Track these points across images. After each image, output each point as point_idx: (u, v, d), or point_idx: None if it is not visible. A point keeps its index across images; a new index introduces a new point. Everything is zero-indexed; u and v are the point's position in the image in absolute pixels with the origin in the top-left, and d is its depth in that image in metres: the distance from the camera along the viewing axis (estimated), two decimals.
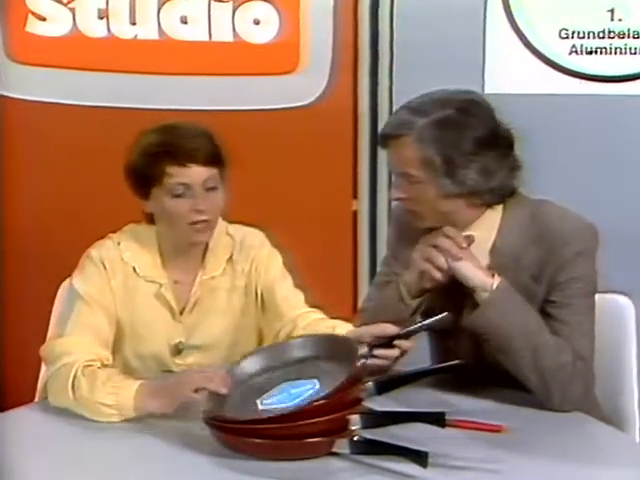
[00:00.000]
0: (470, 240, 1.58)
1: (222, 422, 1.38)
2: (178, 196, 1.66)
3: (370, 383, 1.41)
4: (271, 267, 1.76)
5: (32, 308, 2.10)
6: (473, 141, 1.55)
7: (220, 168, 1.69)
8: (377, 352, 1.50)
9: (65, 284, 1.79)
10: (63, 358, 1.57)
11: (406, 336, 1.53)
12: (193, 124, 1.70)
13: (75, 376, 1.54)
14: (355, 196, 2.53)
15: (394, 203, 1.77)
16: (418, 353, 1.67)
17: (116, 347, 1.69)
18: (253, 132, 2.42)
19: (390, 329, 1.52)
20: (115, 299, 1.68)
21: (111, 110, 2.41)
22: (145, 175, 1.68)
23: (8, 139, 2.46)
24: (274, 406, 1.39)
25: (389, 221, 1.87)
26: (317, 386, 1.40)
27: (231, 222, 1.79)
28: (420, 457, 1.29)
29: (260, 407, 1.41)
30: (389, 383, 1.43)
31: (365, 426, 1.36)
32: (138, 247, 1.72)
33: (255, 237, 1.79)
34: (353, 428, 1.35)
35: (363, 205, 2.53)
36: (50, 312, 1.82)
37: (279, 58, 2.45)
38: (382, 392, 1.42)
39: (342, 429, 1.35)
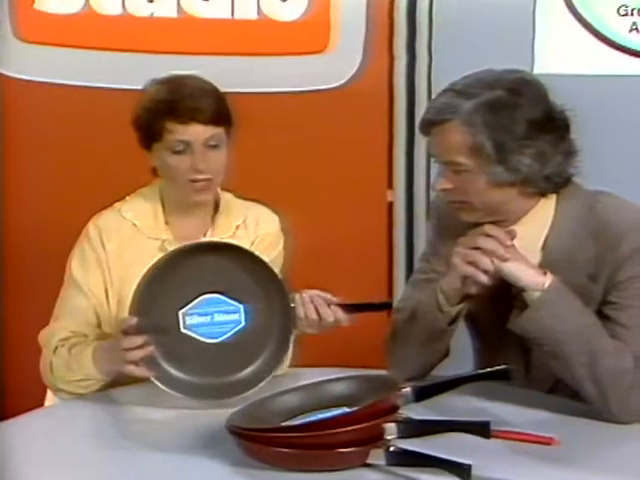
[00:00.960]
0: (512, 235, 1.58)
1: (246, 430, 1.39)
2: (178, 152, 1.74)
3: (407, 389, 1.42)
4: (270, 251, 1.84)
5: (33, 304, 2.14)
6: (526, 124, 1.54)
7: (225, 127, 1.76)
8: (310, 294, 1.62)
9: None
10: (48, 344, 1.73)
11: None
12: (200, 80, 1.77)
13: (51, 361, 1.71)
14: (390, 186, 2.53)
15: (434, 194, 1.77)
16: (459, 357, 1.69)
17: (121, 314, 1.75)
18: (279, 117, 2.43)
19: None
20: (110, 268, 1.76)
21: (125, 92, 2.41)
22: (147, 129, 1.76)
23: (14, 122, 2.49)
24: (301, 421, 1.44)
25: (427, 213, 1.88)
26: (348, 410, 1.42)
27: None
28: (463, 470, 1.29)
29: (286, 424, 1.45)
30: (428, 389, 1.44)
31: (402, 435, 1.36)
32: (141, 205, 1.81)
33: (269, 217, 1.88)
34: (389, 437, 1.36)
35: (399, 196, 2.53)
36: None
37: (307, 37, 2.46)
38: (420, 399, 1.42)
39: (377, 438, 1.36)
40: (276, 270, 1.78)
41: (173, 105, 1.72)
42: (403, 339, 1.68)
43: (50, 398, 1.84)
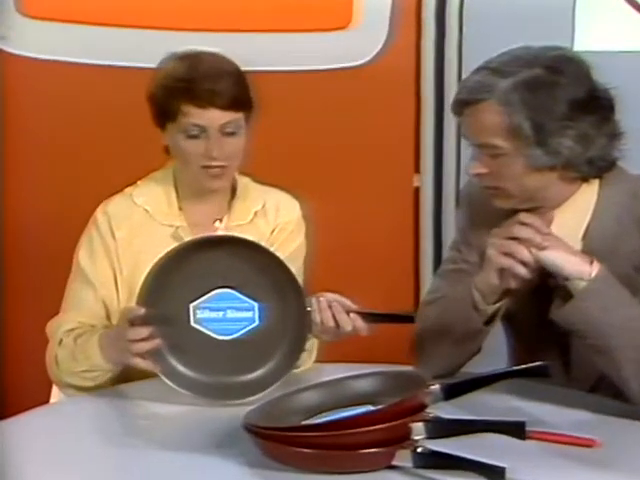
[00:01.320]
0: (549, 219, 1.56)
1: (264, 428, 1.38)
2: (192, 137, 1.72)
3: (436, 386, 1.40)
4: (291, 242, 1.82)
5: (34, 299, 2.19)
6: (567, 104, 1.53)
7: (245, 112, 1.75)
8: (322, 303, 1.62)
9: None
10: (54, 336, 1.73)
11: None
12: (221, 58, 1.75)
13: (56, 354, 1.71)
14: (417, 170, 2.51)
15: (466, 179, 1.75)
16: (492, 353, 1.66)
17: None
18: (300, 95, 2.41)
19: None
20: (120, 257, 1.76)
21: (135, 71, 2.40)
22: (161, 108, 1.75)
23: (16, 100, 2.47)
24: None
25: (458, 200, 1.86)
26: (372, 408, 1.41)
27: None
28: (496, 473, 1.27)
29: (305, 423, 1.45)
30: (458, 387, 1.42)
31: (430, 436, 1.35)
32: (153, 190, 1.80)
33: (289, 203, 1.86)
34: (416, 438, 1.35)
35: (427, 180, 2.51)
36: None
37: (330, 12, 2.44)
38: (450, 397, 1.41)
39: (403, 439, 1.35)
40: (298, 263, 1.80)
41: (190, 86, 1.70)
42: (433, 337, 1.65)
43: (55, 395, 1.83)
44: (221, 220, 1.81)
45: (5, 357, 2.52)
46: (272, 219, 1.83)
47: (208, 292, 1.62)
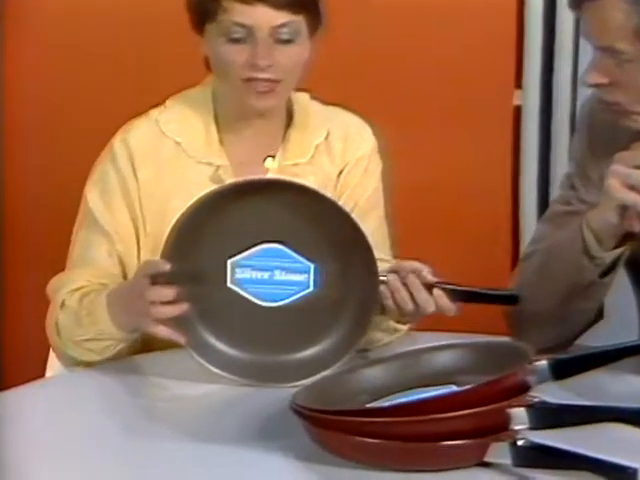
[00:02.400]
0: None
1: (319, 412, 1.33)
2: (235, 41, 1.64)
3: (543, 363, 1.34)
4: (369, 183, 1.75)
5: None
6: None
7: (307, 15, 1.66)
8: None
9: None
10: (55, 297, 1.67)
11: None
12: None
13: (57, 319, 1.65)
14: (519, 85, 2.45)
15: (584, 93, 1.71)
16: (618, 321, 1.63)
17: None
18: None
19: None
20: (143, 202, 1.69)
21: None
22: (198, 5, 1.67)
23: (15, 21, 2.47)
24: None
25: (572, 121, 1.84)
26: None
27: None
28: (626, 475, 1.20)
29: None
30: (571, 364, 1.37)
31: (534, 425, 1.29)
32: (187, 115, 1.71)
33: (362, 132, 1.77)
34: (516, 428, 1.29)
35: (530, 97, 2.44)
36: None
37: None
38: (561, 377, 1.36)
39: (499, 429, 1.28)
40: (374, 215, 1.73)
41: None
42: (534, 296, 1.60)
43: (51, 367, 1.77)
44: (274, 157, 1.72)
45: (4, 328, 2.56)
46: (339, 154, 1.74)
47: (251, 247, 1.55)
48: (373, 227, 1.70)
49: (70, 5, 2.47)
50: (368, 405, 1.39)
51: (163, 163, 1.69)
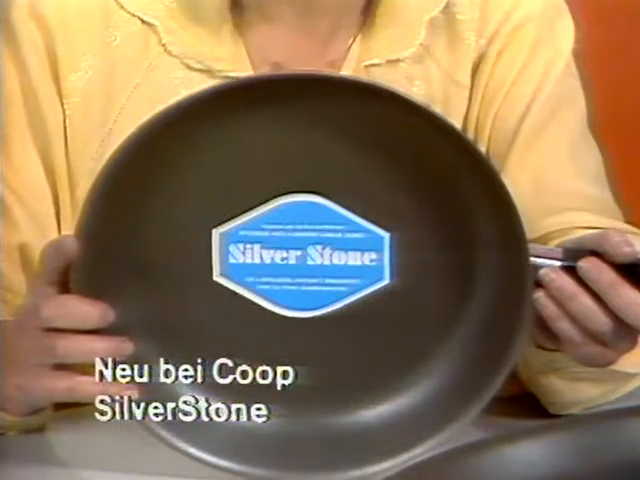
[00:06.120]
0: None
1: None
2: None
3: None
4: (546, 68, 0.97)
5: None
6: None
7: None
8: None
9: None
10: None
11: None
12: None
13: None
14: None
15: None
16: None
17: None
18: None
19: None
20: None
21: None
22: None
23: None
24: None
25: None
26: None
27: None
28: None
29: None
30: None
31: None
32: None
33: None
34: None
35: None
36: None
37: None
38: None
39: None
40: (559, 130, 0.97)
41: None
42: None
43: None
44: (345, 59, 0.97)
45: None
46: (474, 26, 0.97)
47: (261, 205, 0.79)
48: (565, 147, 0.96)
49: None
50: None
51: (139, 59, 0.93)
